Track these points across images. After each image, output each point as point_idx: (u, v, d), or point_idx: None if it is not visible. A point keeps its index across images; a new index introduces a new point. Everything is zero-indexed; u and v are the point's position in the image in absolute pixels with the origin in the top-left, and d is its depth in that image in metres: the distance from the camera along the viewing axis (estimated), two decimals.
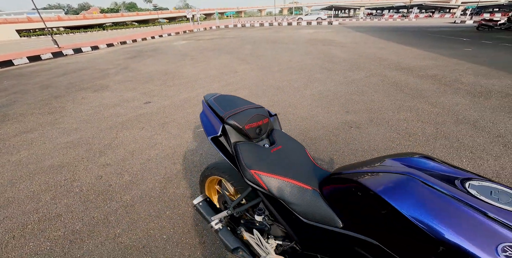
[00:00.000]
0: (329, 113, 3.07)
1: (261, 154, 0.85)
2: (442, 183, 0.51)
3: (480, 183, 0.51)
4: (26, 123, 3.31)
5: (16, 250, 1.44)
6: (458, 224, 0.44)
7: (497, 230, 0.42)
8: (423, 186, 0.51)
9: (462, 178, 0.53)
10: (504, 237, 0.41)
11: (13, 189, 1.99)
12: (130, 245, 1.44)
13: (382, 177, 0.58)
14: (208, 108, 1.02)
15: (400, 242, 0.52)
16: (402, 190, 0.52)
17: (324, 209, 0.68)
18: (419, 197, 0.50)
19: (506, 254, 0.39)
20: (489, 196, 0.48)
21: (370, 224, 0.58)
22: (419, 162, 0.62)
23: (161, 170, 2.12)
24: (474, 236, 0.42)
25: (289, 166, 0.82)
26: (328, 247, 0.74)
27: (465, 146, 2.20)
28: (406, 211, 0.49)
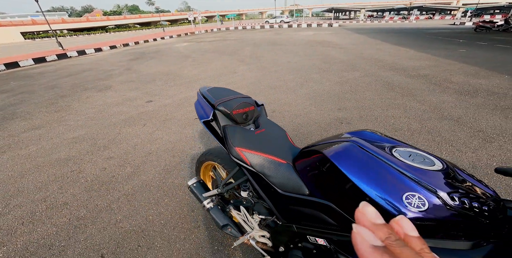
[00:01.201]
0: (322, 111, 3.21)
1: (246, 135, 0.98)
2: (375, 148, 0.65)
3: (405, 149, 0.66)
4: (34, 120, 3.49)
5: (24, 235, 1.56)
6: (379, 179, 0.58)
7: (405, 182, 0.56)
8: (360, 150, 0.65)
9: (391, 145, 0.68)
10: (409, 187, 0.55)
11: (22, 180, 2.14)
12: (130, 230, 1.56)
13: (334, 145, 0.72)
14: (202, 97, 1.17)
15: (345, 200, 0.65)
16: (344, 153, 0.67)
17: (295, 179, 0.81)
18: (355, 158, 0.64)
19: (408, 200, 0.53)
20: (407, 158, 0.62)
21: (325, 187, 0.72)
22: (366, 135, 0.76)
23: (161, 163, 2.27)
24: (389, 188, 0.56)
25: (269, 145, 0.95)
26: (300, 215, 0.85)
27: (446, 140, 2.34)
28: (346, 170, 0.63)
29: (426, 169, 0.57)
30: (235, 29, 27.09)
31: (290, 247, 0.92)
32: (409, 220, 0.15)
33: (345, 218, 0.65)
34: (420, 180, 0.55)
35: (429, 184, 0.54)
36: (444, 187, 0.53)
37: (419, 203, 0.52)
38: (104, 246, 1.46)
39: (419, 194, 0.53)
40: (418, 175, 0.56)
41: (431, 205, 0.52)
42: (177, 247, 1.44)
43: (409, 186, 0.55)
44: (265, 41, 12.29)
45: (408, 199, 0.53)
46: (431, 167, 0.59)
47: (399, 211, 0.53)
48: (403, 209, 0.53)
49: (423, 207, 0.52)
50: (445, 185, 0.54)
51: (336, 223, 0.70)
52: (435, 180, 0.55)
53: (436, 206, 0.52)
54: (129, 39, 18.21)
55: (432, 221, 0.52)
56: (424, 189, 0.53)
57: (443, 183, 0.54)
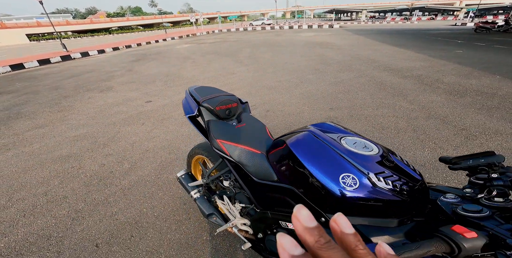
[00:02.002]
0: (314, 110, 3.31)
1: (227, 129, 1.09)
2: (326, 137, 0.76)
3: (352, 138, 0.76)
4: (37, 119, 3.63)
5: (25, 226, 1.66)
6: (324, 162, 0.69)
7: (343, 165, 0.66)
8: (313, 138, 0.76)
9: (343, 135, 0.78)
10: (346, 169, 0.65)
11: (26, 175, 2.26)
12: (124, 221, 1.65)
13: (295, 134, 0.83)
14: (189, 95, 1.29)
15: (301, 184, 0.75)
16: (300, 141, 0.77)
17: (267, 167, 0.90)
18: (308, 145, 0.75)
19: (344, 180, 0.64)
20: (351, 145, 0.72)
21: (288, 173, 0.82)
22: (326, 126, 0.87)
23: (158, 159, 2.38)
24: (330, 170, 0.67)
25: (247, 137, 1.05)
26: (272, 202, 0.94)
27: (430, 137, 2.42)
28: (299, 156, 0.73)
29: (363, 154, 0.68)
30: (236, 30, 27.29)
31: (268, 233, 1.01)
32: (346, 217, 0.17)
33: (305, 201, 0.74)
34: (355, 163, 0.65)
35: (361, 166, 0.64)
36: (374, 169, 0.63)
37: (352, 183, 0.62)
38: (99, 236, 1.55)
39: (353, 175, 0.63)
40: (354, 158, 0.66)
41: (361, 184, 0.62)
42: (168, 237, 1.53)
43: (346, 168, 0.65)
44: (265, 43, 12.41)
45: (344, 179, 0.64)
46: (369, 152, 0.69)
47: (337, 190, 0.64)
48: (340, 188, 0.63)
49: (355, 186, 0.62)
50: (375, 168, 0.64)
51: None
52: (368, 163, 0.65)
53: (365, 185, 0.62)
54: (132, 40, 18.46)
55: (362, 200, 0.62)
56: (357, 171, 0.63)
57: (374, 166, 0.64)
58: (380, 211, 0.63)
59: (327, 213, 0.69)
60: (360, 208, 0.63)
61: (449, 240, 0.42)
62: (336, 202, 0.65)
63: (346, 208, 0.65)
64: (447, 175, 1.87)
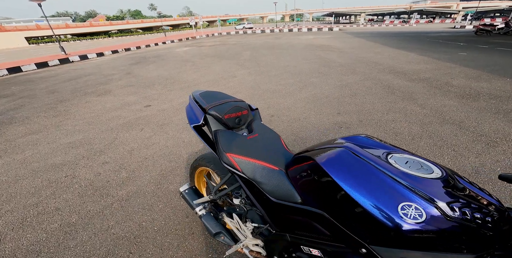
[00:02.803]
0: (321, 115, 3.17)
1: (237, 140, 0.95)
2: (369, 154, 0.62)
3: (401, 155, 0.62)
4: (32, 125, 3.48)
5: (13, 241, 1.53)
6: (372, 188, 0.54)
7: (401, 191, 0.52)
8: (353, 157, 0.62)
9: (388, 151, 0.64)
10: (405, 197, 0.51)
11: (16, 185, 2.11)
12: (122, 236, 1.53)
13: (326, 151, 0.69)
14: (193, 101, 1.14)
15: (338, 210, 0.61)
16: (336, 160, 0.63)
17: (287, 187, 0.77)
18: (348, 165, 0.60)
19: (404, 211, 0.50)
20: (403, 165, 0.58)
21: (318, 195, 0.68)
22: (361, 140, 0.73)
23: (157, 168, 2.23)
24: (383, 197, 0.53)
25: (261, 151, 0.91)
26: (293, 224, 0.81)
27: (448, 144, 2.28)
28: (337, 178, 0.59)
29: (424, 177, 0.54)
30: (236, 33, 27.37)
31: (284, 256, 0.89)
32: None
33: (339, 228, 0.62)
34: (417, 189, 0.51)
35: (427, 193, 0.50)
36: (443, 197, 0.50)
37: (415, 214, 0.49)
38: (94, 252, 1.42)
39: (416, 204, 0.49)
40: (415, 183, 0.52)
41: (429, 216, 0.48)
42: (170, 254, 1.40)
43: (405, 195, 0.51)
44: (265, 46, 12.37)
45: (404, 209, 0.50)
46: (429, 175, 0.55)
47: (394, 222, 0.50)
48: (398, 220, 0.49)
49: (420, 218, 0.48)
50: (444, 194, 0.50)
51: (330, 233, 0.67)
52: (433, 188, 0.51)
53: (434, 217, 0.48)
54: (131, 43, 18.43)
55: (431, 233, 0.48)
56: (421, 199, 0.50)
57: (442, 192, 0.51)
58: (451, 245, 0.49)
59: (370, 245, 0.55)
60: (427, 242, 0.49)
61: None
62: (390, 234, 0.51)
63: (404, 241, 0.51)
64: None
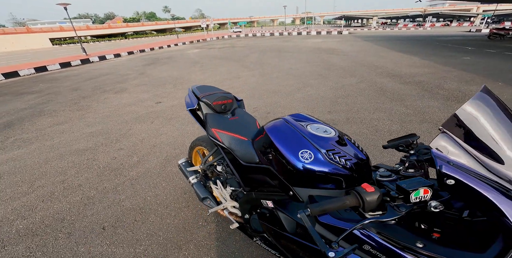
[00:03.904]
0: (313, 113, 3.46)
1: (221, 120, 1.28)
2: (296, 123, 0.93)
3: (316, 125, 0.93)
4: (58, 117, 3.98)
5: (43, 210, 1.86)
6: (290, 142, 0.86)
7: (304, 143, 0.83)
8: (285, 124, 0.94)
9: (310, 123, 0.95)
10: (304, 145, 0.82)
11: (46, 165, 2.53)
12: (130, 207, 1.83)
13: (272, 121, 1.01)
14: (191, 92, 1.50)
15: (276, 162, 0.92)
16: (275, 126, 0.95)
17: (251, 152, 1.07)
18: (280, 129, 0.93)
19: (302, 155, 0.81)
20: (314, 129, 0.89)
21: (266, 155, 0.98)
22: (298, 115, 1.03)
23: (163, 154, 2.60)
24: (293, 147, 0.84)
25: (238, 128, 1.23)
26: (255, 182, 1.11)
27: (421, 140, 2.51)
28: (273, 138, 0.91)
29: (321, 135, 0.85)
30: (246, 36, 27.88)
31: (253, 213, 1.17)
32: None
33: (278, 178, 0.91)
34: (313, 142, 0.82)
35: (317, 144, 0.81)
36: (326, 147, 0.80)
37: (308, 157, 0.80)
38: (106, 220, 1.72)
39: (309, 150, 0.81)
40: (314, 139, 0.84)
41: (315, 158, 0.79)
42: (168, 222, 1.69)
43: (305, 145, 0.82)
44: (272, 48, 12.68)
45: (302, 154, 0.81)
46: (327, 135, 0.86)
47: (296, 163, 0.81)
48: (298, 160, 0.81)
49: (310, 159, 0.79)
50: (328, 146, 0.81)
51: (275, 184, 0.95)
52: (323, 142, 0.82)
53: (318, 159, 0.79)
54: (145, 45, 19.25)
55: (317, 172, 0.78)
56: (313, 148, 0.81)
57: (327, 145, 0.81)
58: (331, 183, 0.79)
59: (293, 186, 0.85)
60: (315, 179, 0.79)
61: (358, 195, 0.58)
62: (298, 174, 0.81)
63: (305, 180, 0.81)
64: None
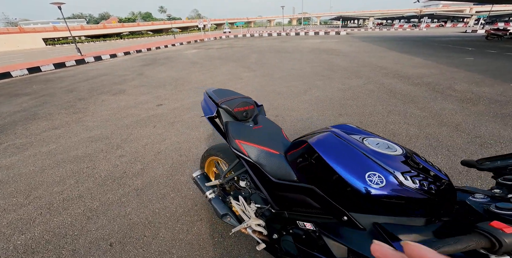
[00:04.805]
0: (324, 116, 3.32)
1: (244, 130, 1.13)
2: (349, 137, 0.78)
3: (374, 139, 0.78)
4: (54, 121, 3.76)
5: (42, 224, 1.69)
6: (348, 161, 0.71)
7: (369, 164, 0.68)
8: (336, 138, 0.78)
9: (364, 136, 0.80)
10: (372, 168, 0.67)
11: (43, 174, 2.33)
12: (137, 221, 1.68)
13: (316, 135, 0.86)
14: (207, 97, 1.34)
15: (324, 182, 0.77)
16: (323, 140, 0.80)
17: (285, 168, 0.92)
18: (331, 144, 0.77)
19: (370, 179, 0.66)
20: (374, 145, 0.74)
21: (309, 172, 0.83)
22: (345, 127, 0.89)
23: (169, 161, 2.43)
24: (355, 168, 0.69)
25: (264, 138, 1.08)
26: (290, 201, 0.95)
27: (443, 145, 2.40)
28: (324, 155, 0.75)
29: (387, 154, 0.70)
30: (243, 36, 27.75)
31: (283, 234, 1.02)
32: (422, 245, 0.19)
33: (326, 200, 0.76)
34: (381, 162, 0.67)
35: (388, 165, 0.66)
36: (399, 168, 0.65)
37: (378, 181, 0.64)
38: (113, 235, 1.58)
39: (379, 173, 0.65)
40: (380, 158, 0.68)
41: (388, 182, 0.63)
42: (180, 237, 1.55)
43: (371, 166, 0.67)
44: (271, 49, 12.56)
45: (370, 177, 0.66)
46: (393, 152, 0.71)
47: (363, 188, 0.65)
48: (365, 186, 0.65)
49: (381, 184, 0.64)
50: (401, 167, 0.66)
51: (320, 206, 0.81)
52: (393, 162, 0.67)
53: (392, 183, 0.63)
54: (142, 45, 18.95)
55: (388, 198, 0.63)
56: (383, 169, 0.65)
57: (399, 165, 0.66)
58: (406, 210, 0.64)
59: (350, 212, 0.71)
60: (385, 206, 0.64)
61: (489, 235, 0.43)
62: (361, 200, 0.67)
63: (370, 206, 0.66)
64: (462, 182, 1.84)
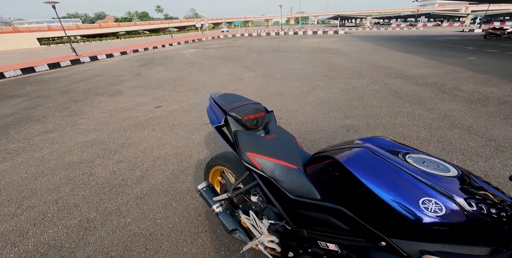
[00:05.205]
0: (329, 118, 3.22)
1: (256, 140, 1.01)
2: (388, 154, 0.67)
3: (418, 156, 0.67)
4: (47, 124, 3.61)
5: (36, 236, 1.58)
6: (394, 184, 0.59)
7: (421, 187, 0.57)
8: (373, 156, 0.67)
9: (405, 152, 0.69)
10: (426, 193, 0.56)
11: (36, 182, 2.20)
12: (138, 233, 1.57)
13: (346, 151, 0.74)
14: (214, 103, 1.22)
15: (358, 205, 0.66)
16: (358, 158, 0.68)
17: (306, 184, 0.82)
18: (369, 163, 0.65)
19: (425, 205, 0.54)
20: (421, 164, 0.63)
21: (338, 192, 0.72)
22: (378, 141, 0.78)
23: (169, 167, 2.31)
24: (405, 193, 0.57)
25: (279, 150, 0.97)
26: (310, 220, 0.85)
27: (457, 148, 2.30)
28: (360, 175, 0.64)
29: (442, 175, 0.58)
30: (241, 35, 27.59)
31: (300, 252, 0.92)
32: None
33: (358, 223, 0.65)
34: (436, 186, 0.55)
35: (446, 189, 0.55)
36: (460, 193, 0.54)
37: (436, 208, 0.53)
38: (113, 248, 1.48)
39: (436, 199, 0.54)
40: (434, 180, 0.57)
41: (448, 210, 0.52)
42: (184, 251, 1.44)
43: (425, 191, 0.55)
44: (270, 48, 12.45)
45: (425, 204, 0.54)
46: (446, 173, 0.60)
47: (415, 215, 0.54)
48: (419, 213, 0.54)
49: (440, 212, 0.52)
50: (462, 191, 0.55)
51: (349, 228, 0.70)
52: (451, 186, 0.56)
53: (453, 211, 0.52)
54: (139, 45, 18.73)
55: (450, 226, 0.52)
56: (441, 195, 0.54)
57: (459, 189, 0.55)
58: (467, 237, 0.53)
59: (390, 238, 0.60)
60: (446, 235, 0.54)
61: None
62: (408, 226, 0.56)
63: (421, 234, 0.56)
64: None
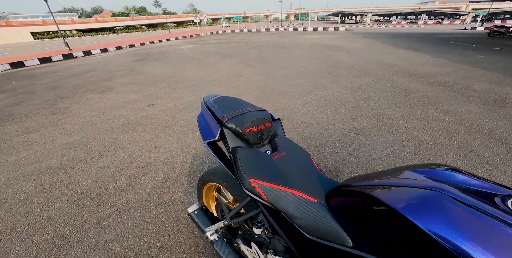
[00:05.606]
0: (335, 120, 2.97)
1: (262, 161, 0.77)
2: (478, 200, 0.42)
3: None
4: (29, 123, 3.32)
5: (1, 255, 1.40)
6: (501, 248, 0.35)
7: None
8: (456, 204, 0.42)
9: (503, 195, 0.44)
10: None
11: (7, 190, 1.96)
12: (121, 253, 1.38)
13: (404, 192, 0.49)
14: (207, 110, 0.94)
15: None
16: (430, 207, 0.43)
17: (331, 224, 0.60)
18: (452, 216, 0.41)
19: None
20: None
21: (387, 244, 0.49)
22: (447, 175, 0.53)
23: (160, 174, 2.06)
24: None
25: (292, 175, 0.74)
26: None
27: (481, 156, 2.07)
28: (434, 231, 0.40)
29: None
30: (241, 31, 27.13)
31: None
32: None
33: None
34: None
35: None
36: None
37: None
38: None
39: None
40: None
41: None
42: None
43: None
44: (270, 44, 12.17)
45: None
46: None
47: None
48: None
49: None
50: None
51: None
52: None
53: None
54: (136, 40, 18.30)
55: None
56: None
57: None
58: None
59: None
60: None
61: None
62: None
63: None
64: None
